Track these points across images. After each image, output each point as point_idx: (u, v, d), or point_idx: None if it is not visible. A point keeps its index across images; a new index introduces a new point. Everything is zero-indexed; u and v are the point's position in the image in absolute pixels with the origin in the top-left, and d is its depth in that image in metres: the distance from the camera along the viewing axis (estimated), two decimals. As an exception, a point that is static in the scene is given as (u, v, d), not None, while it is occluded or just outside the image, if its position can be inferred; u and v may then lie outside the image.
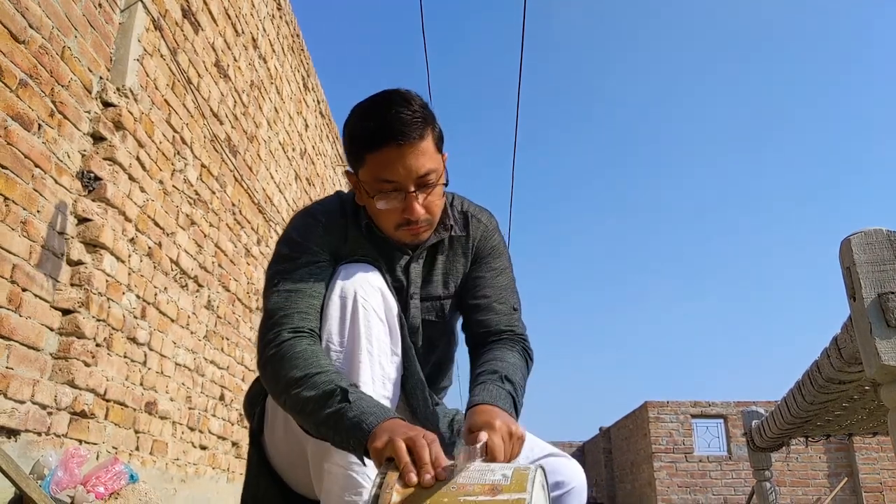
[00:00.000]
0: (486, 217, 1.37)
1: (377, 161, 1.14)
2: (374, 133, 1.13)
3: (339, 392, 0.99)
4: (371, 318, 1.14)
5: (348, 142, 1.20)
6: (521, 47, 4.50)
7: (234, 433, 4.27)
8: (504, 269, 1.37)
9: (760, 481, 2.83)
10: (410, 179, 1.15)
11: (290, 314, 1.13)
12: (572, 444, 18.00)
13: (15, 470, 1.99)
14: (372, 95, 1.21)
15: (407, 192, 1.15)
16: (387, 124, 1.13)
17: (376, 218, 1.22)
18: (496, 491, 0.78)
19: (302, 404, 1.03)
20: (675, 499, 11.60)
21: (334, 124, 7.07)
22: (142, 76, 3.10)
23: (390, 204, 1.17)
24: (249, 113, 4.60)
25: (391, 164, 1.14)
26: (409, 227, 1.20)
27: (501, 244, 1.39)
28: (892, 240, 1.12)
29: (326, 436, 1.01)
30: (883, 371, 1.06)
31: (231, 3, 4.26)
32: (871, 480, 11.25)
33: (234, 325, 4.30)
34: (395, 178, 1.14)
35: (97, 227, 2.71)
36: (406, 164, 1.14)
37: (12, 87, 2.29)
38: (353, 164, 1.21)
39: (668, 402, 12.13)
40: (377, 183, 1.16)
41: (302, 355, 1.07)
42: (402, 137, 1.12)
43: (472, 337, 1.33)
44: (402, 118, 1.13)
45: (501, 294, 1.33)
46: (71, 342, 2.56)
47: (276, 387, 1.09)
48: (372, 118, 1.15)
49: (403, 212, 1.17)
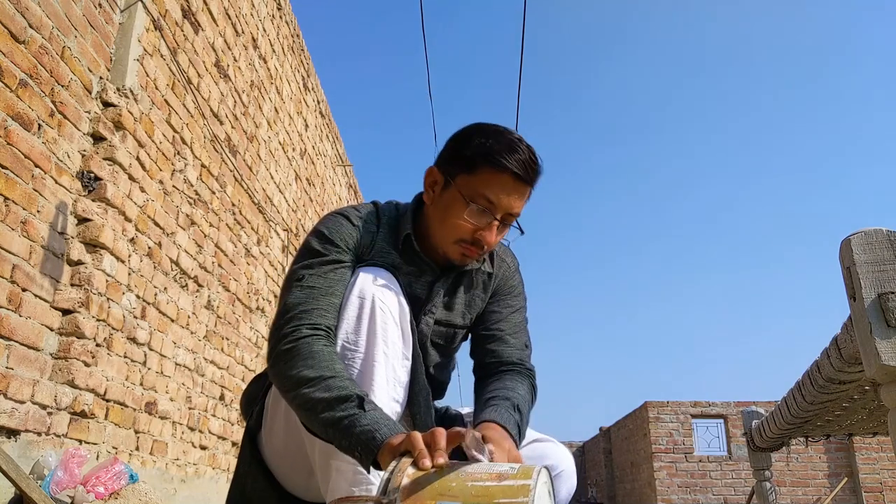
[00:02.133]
0: (510, 258, 1.42)
1: (492, 178, 1.19)
2: (505, 154, 1.18)
3: (354, 398, 1.00)
4: (388, 320, 1.15)
5: (468, 145, 1.23)
6: (521, 49, 4.49)
7: (234, 433, 4.27)
8: (520, 309, 1.41)
9: (760, 481, 2.83)
10: (503, 211, 1.21)
11: (309, 311, 1.13)
12: (572, 444, 18.00)
13: (15, 470, 1.99)
14: (498, 124, 1.26)
15: (494, 218, 1.21)
16: (520, 154, 1.19)
17: (444, 223, 1.24)
18: (503, 478, 0.81)
19: (313, 404, 1.03)
20: (675, 499, 11.60)
21: (334, 124, 7.07)
22: (142, 76, 3.10)
23: (474, 219, 1.21)
24: (249, 113, 4.60)
25: (502, 188, 1.19)
26: (470, 247, 1.24)
27: (520, 285, 1.43)
28: (892, 240, 1.12)
29: (333, 438, 1.01)
30: (883, 371, 1.06)
31: (231, 3, 4.26)
32: (871, 480, 11.25)
33: (234, 326, 4.30)
34: (497, 201, 1.20)
35: (97, 228, 2.71)
36: (511, 198, 1.20)
37: (12, 87, 2.29)
38: (454, 166, 1.24)
39: (668, 402, 12.13)
40: (477, 196, 1.20)
41: (318, 355, 1.07)
42: (526, 175, 1.19)
43: (482, 365, 1.35)
44: (536, 160, 1.21)
45: (515, 330, 1.37)
46: (71, 342, 2.56)
47: (286, 382, 1.08)
48: (507, 142, 1.20)
49: (477, 231, 1.21)
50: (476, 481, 0.81)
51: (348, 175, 7.90)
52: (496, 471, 0.82)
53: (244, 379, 4.44)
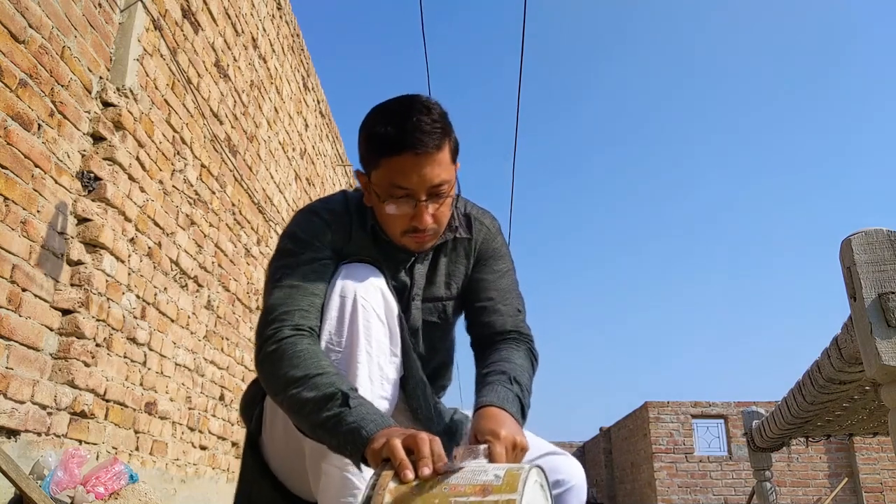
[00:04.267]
0: (488, 220, 1.37)
1: (392, 167, 1.14)
2: (392, 139, 1.13)
3: (339, 395, 0.98)
4: (371, 318, 1.14)
5: (364, 143, 1.19)
6: (521, 49, 4.50)
7: (234, 433, 4.27)
8: (507, 272, 1.37)
9: (761, 481, 2.83)
10: (423, 188, 1.15)
11: (290, 311, 1.12)
12: (572, 444, 18.00)
13: (15, 470, 1.98)
14: (392, 99, 1.20)
15: (418, 200, 1.15)
16: (406, 132, 1.12)
17: (384, 222, 1.22)
18: (487, 491, 0.78)
19: (300, 405, 1.02)
20: (675, 499, 11.59)
21: (334, 124, 7.07)
22: (141, 76, 3.10)
23: (400, 210, 1.17)
24: (249, 113, 4.60)
25: (406, 171, 1.13)
26: (415, 235, 1.20)
27: (504, 247, 1.39)
28: (892, 240, 1.11)
29: (323, 438, 1.00)
30: (883, 371, 1.06)
31: (231, 3, 4.25)
32: (872, 481, 11.24)
33: (234, 326, 4.30)
34: (408, 185, 1.14)
35: (97, 227, 2.71)
36: (421, 174, 1.13)
37: (12, 87, 2.29)
38: (366, 166, 1.20)
39: (668, 402, 12.12)
40: (390, 188, 1.15)
41: (303, 354, 1.06)
42: (420, 146, 1.12)
43: (477, 338, 1.33)
44: (422, 127, 1.13)
45: (506, 296, 1.34)
46: (71, 342, 2.56)
47: (274, 384, 1.08)
48: (391, 123, 1.14)
49: (412, 219, 1.17)
50: (459, 496, 0.78)
51: (348, 175, 7.90)
52: (481, 481, 0.79)
53: (244, 379, 4.44)
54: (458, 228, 1.31)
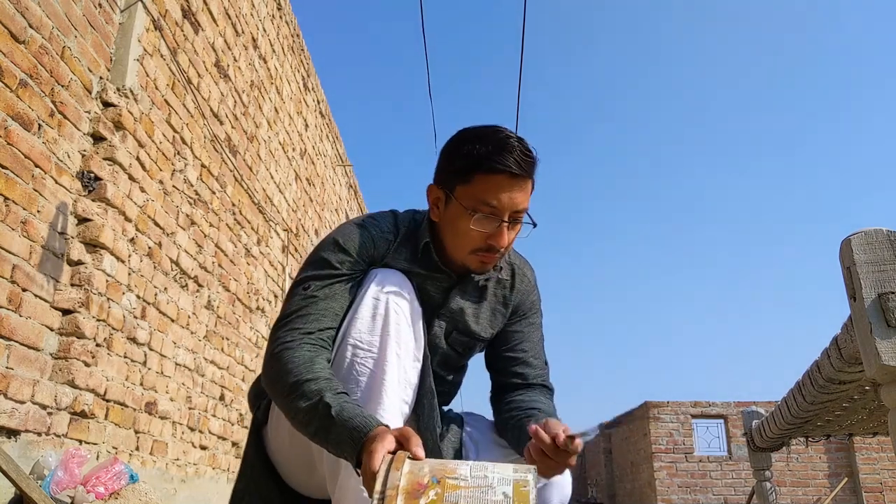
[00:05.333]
0: (529, 272, 1.42)
1: (488, 183, 1.18)
2: (493, 157, 1.17)
3: (322, 406, 1.01)
4: (401, 321, 1.16)
5: (457, 157, 1.22)
6: (521, 49, 4.48)
7: (234, 433, 4.28)
8: (539, 326, 1.42)
9: (760, 481, 2.83)
10: (509, 210, 1.19)
11: (305, 317, 1.15)
12: (572, 444, 17.99)
13: (15, 470, 1.98)
14: (485, 125, 1.24)
15: (501, 220, 1.19)
16: (508, 153, 1.17)
17: (455, 236, 1.24)
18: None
19: (294, 413, 1.05)
20: (675, 499, 11.60)
21: (334, 124, 7.07)
22: (142, 76, 3.10)
23: (482, 227, 1.20)
24: (249, 113, 4.60)
25: (501, 190, 1.18)
26: (485, 254, 1.23)
27: (539, 300, 1.44)
28: (892, 240, 1.11)
29: (322, 446, 1.04)
30: (883, 371, 1.06)
31: (231, 3, 4.26)
32: (872, 481, 11.25)
33: (234, 326, 4.30)
34: (497, 204, 1.18)
35: (97, 228, 2.71)
36: (512, 196, 1.18)
37: (12, 87, 2.29)
38: (450, 180, 1.23)
39: (668, 402, 12.12)
40: (478, 204, 1.19)
41: (299, 360, 1.08)
42: (520, 170, 1.18)
43: (503, 385, 1.37)
44: (528, 151, 1.19)
45: (537, 349, 1.39)
46: (71, 342, 2.56)
47: (273, 389, 1.12)
48: (492, 144, 1.19)
49: (489, 237, 1.21)
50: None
51: (348, 175, 7.90)
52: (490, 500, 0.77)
53: (244, 379, 4.44)
54: (501, 269, 1.35)
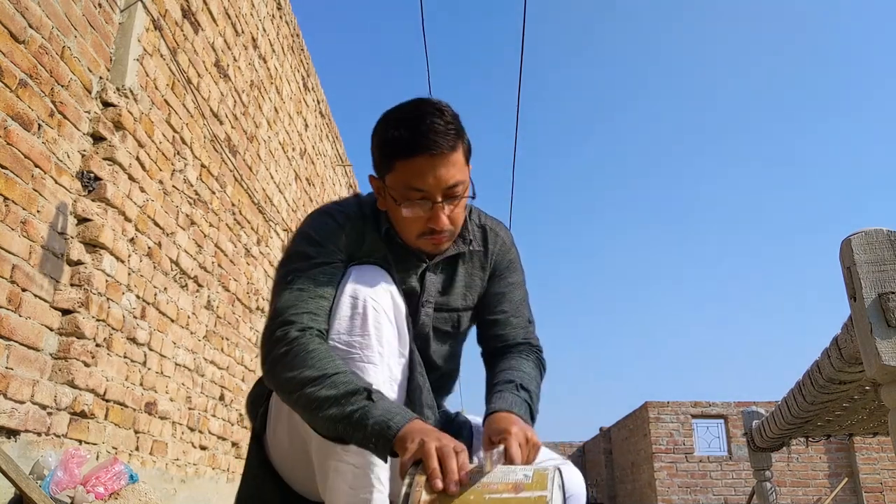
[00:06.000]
0: (503, 231, 1.40)
1: (408, 169, 1.16)
2: (406, 141, 1.15)
3: (362, 391, 1.00)
4: (381, 319, 1.14)
5: (378, 147, 1.21)
6: (521, 51, 4.49)
7: (234, 433, 4.27)
8: (520, 283, 1.40)
9: (761, 481, 2.83)
10: (439, 190, 1.16)
11: (299, 313, 1.12)
12: (572, 444, 18.00)
13: (15, 470, 1.98)
14: (404, 102, 1.22)
15: (434, 202, 1.17)
16: (420, 134, 1.14)
17: (399, 225, 1.23)
18: (519, 489, 0.83)
19: (318, 402, 1.02)
20: (675, 499, 11.60)
21: (334, 124, 7.07)
22: (141, 76, 3.10)
23: (416, 212, 1.18)
24: (249, 113, 4.60)
25: (422, 173, 1.15)
26: (431, 237, 1.21)
27: (517, 258, 1.41)
28: (892, 240, 1.11)
29: (345, 434, 1.01)
30: (883, 371, 1.06)
31: (231, 3, 4.26)
32: (872, 481, 11.25)
33: (234, 326, 4.30)
34: (424, 187, 1.16)
35: (97, 227, 2.71)
36: (436, 175, 1.15)
37: (12, 87, 2.29)
38: (380, 170, 1.22)
39: (668, 403, 12.12)
40: (405, 190, 1.17)
41: (317, 355, 1.07)
42: (435, 148, 1.14)
43: (488, 349, 1.36)
44: (436, 128, 1.15)
45: (518, 308, 1.37)
46: (71, 342, 2.56)
47: (287, 385, 1.08)
48: (404, 126, 1.16)
49: (428, 221, 1.19)
50: (493, 493, 0.84)
51: (348, 175, 7.90)
52: (512, 480, 0.85)
53: (244, 379, 4.44)
54: (472, 242, 1.33)
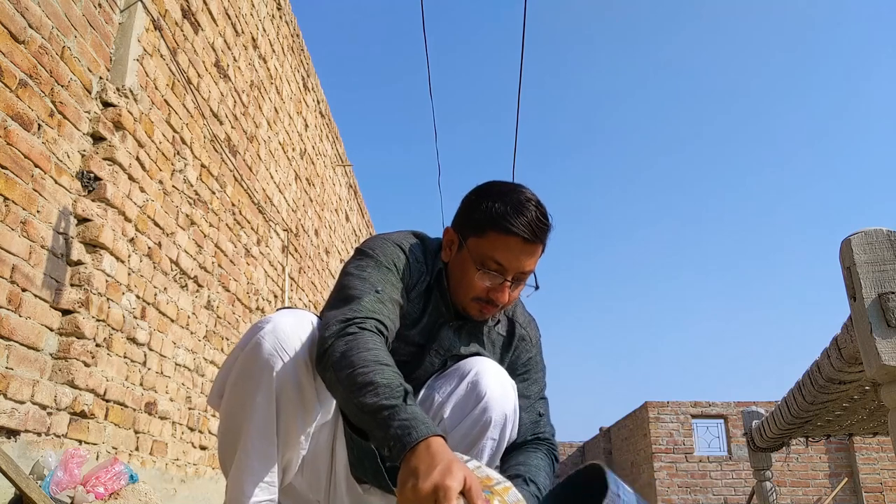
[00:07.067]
0: (532, 331, 1.44)
1: (499, 242, 1.23)
2: (510, 218, 1.22)
3: (401, 390, 1.02)
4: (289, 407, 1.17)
5: (477, 210, 1.27)
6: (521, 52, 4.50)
7: (234, 433, 4.27)
8: (537, 380, 1.43)
9: (760, 481, 2.83)
10: (515, 270, 1.25)
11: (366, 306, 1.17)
12: (572, 444, 17.99)
13: (15, 470, 1.98)
14: (512, 182, 1.30)
15: (505, 278, 1.25)
16: (527, 218, 1.22)
17: (459, 282, 1.29)
18: None
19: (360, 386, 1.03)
20: (675, 499, 11.60)
21: (334, 124, 7.07)
22: (141, 76, 3.10)
23: (486, 281, 1.25)
24: (249, 113, 4.60)
25: (509, 250, 1.23)
26: (486, 306, 1.28)
27: (540, 358, 1.45)
28: (892, 240, 1.12)
29: (368, 426, 1.02)
30: (883, 371, 1.06)
31: (231, 3, 4.26)
32: (872, 481, 11.25)
33: (234, 326, 4.30)
34: (505, 263, 1.24)
35: (97, 228, 2.71)
36: (520, 258, 1.24)
37: (12, 87, 2.29)
38: (465, 228, 1.28)
39: (668, 402, 12.13)
40: (486, 259, 1.24)
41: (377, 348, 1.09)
42: (532, 237, 1.23)
43: None
44: (542, 221, 1.24)
45: (530, 404, 1.39)
46: (71, 342, 2.56)
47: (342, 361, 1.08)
48: (513, 204, 1.23)
49: (490, 291, 1.26)
50: None
51: (348, 175, 7.90)
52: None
53: (244, 379, 4.43)
54: (498, 323, 1.39)
